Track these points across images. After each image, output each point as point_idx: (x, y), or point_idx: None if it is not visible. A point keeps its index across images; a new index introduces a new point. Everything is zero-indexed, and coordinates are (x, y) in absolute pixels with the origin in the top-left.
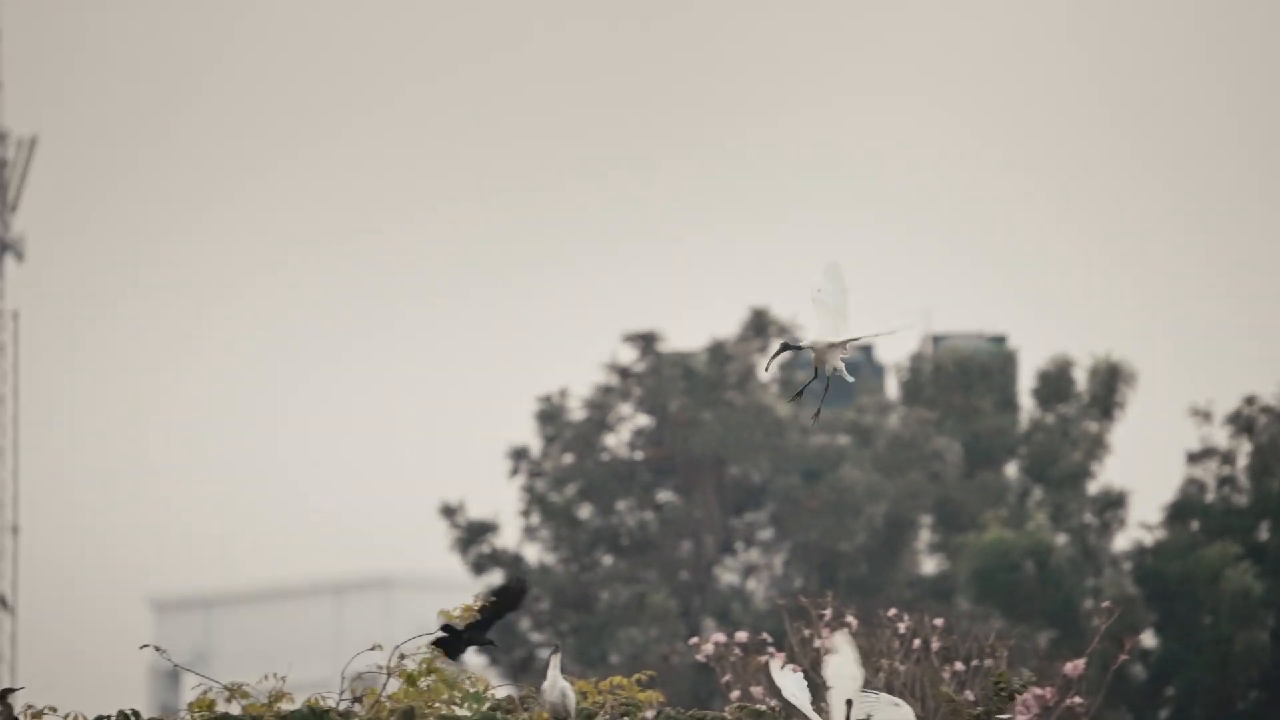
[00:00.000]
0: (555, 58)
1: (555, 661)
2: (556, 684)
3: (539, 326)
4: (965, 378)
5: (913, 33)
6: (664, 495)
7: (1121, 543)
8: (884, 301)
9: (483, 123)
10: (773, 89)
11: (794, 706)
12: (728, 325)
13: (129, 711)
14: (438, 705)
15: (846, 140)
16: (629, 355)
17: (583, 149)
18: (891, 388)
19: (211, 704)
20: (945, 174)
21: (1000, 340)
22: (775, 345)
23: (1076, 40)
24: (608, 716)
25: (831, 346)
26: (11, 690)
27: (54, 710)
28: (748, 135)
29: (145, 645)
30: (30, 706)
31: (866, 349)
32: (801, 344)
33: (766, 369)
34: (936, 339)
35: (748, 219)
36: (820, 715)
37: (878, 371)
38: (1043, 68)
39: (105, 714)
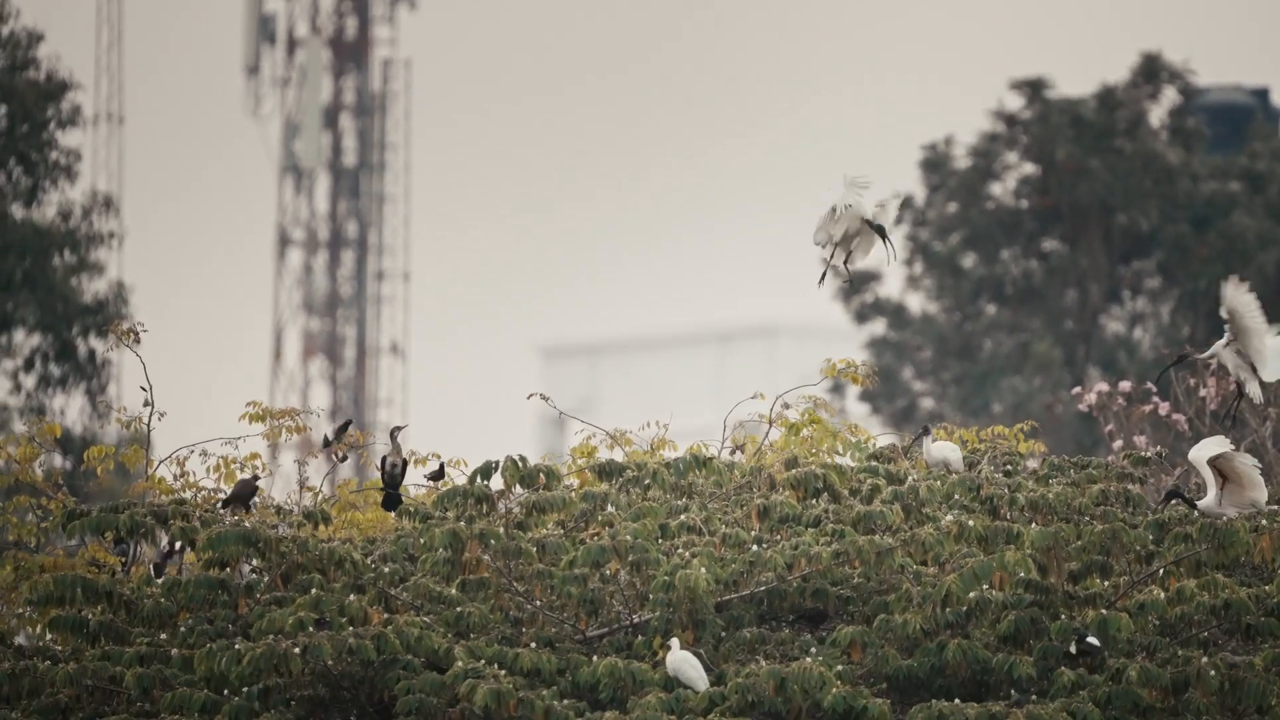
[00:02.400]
0: None
1: (926, 442)
2: (933, 453)
3: (925, 73)
4: None
5: None
6: (1049, 244)
7: None
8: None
9: None
10: None
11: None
12: (1117, 70)
13: (516, 456)
14: (820, 454)
15: None
16: (1016, 103)
17: None
18: None
19: (594, 451)
20: None
21: None
22: (1166, 93)
23: None
24: (991, 466)
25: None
26: (400, 428)
27: (438, 456)
28: None
29: (532, 394)
30: (414, 453)
31: (1261, 93)
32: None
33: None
34: None
35: None
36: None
37: (1272, 116)
38: None
39: (493, 459)
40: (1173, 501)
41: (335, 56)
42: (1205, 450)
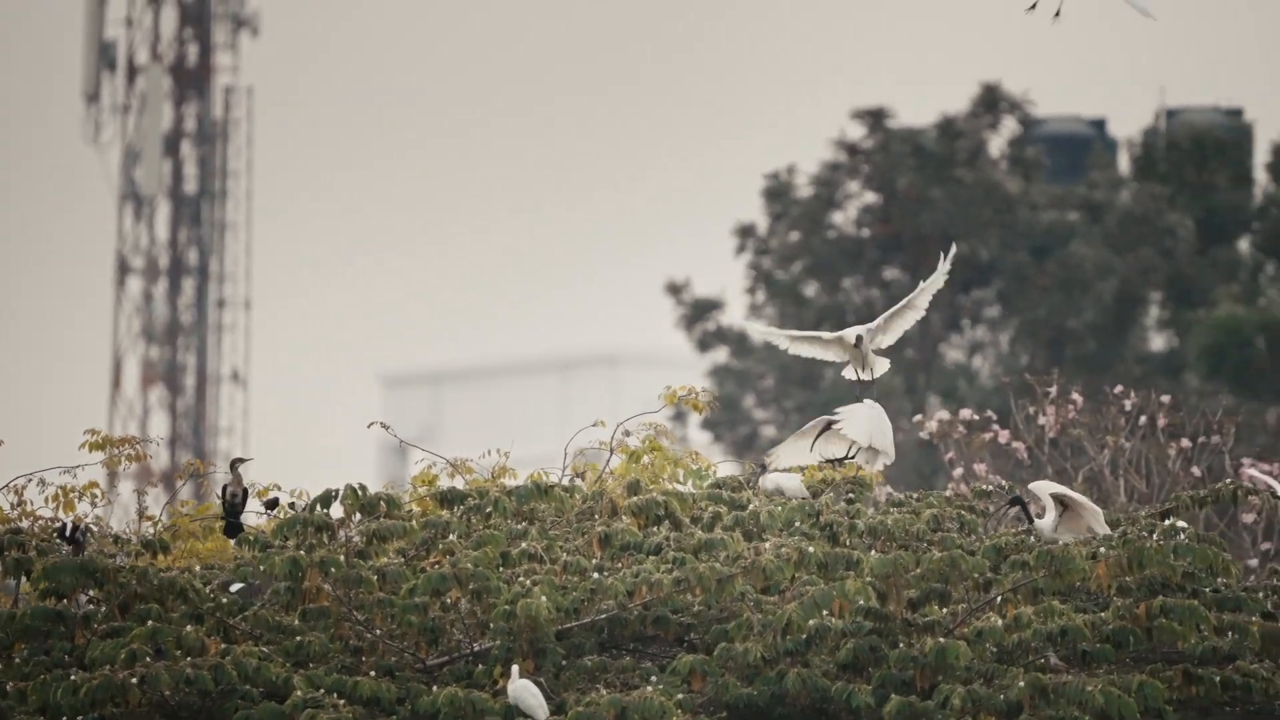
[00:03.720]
0: None
1: (763, 479)
2: (766, 483)
3: (767, 104)
4: (1199, 152)
5: None
6: (891, 272)
7: None
8: (1118, 75)
9: None
10: None
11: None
12: (958, 100)
13: (357, 485)
14: (661, 481)
15: None
16: (857, 132)
17: None
18: (1124, 163)
19: (435, 479)
20: None
21: (1236, 114)
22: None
23: None
24: (834, 495)
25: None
26: (241, 460)
27: (278, 487)
28: None
29: (373, 422)
30: (255, 484)
31: (1099, 123)
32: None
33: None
34: (1170, 113)
35: None
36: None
37: (1110, 146)
38: None
39: (334, 487)
40: (1013, 510)
41: (176, 84)
42: (1047, 486)
